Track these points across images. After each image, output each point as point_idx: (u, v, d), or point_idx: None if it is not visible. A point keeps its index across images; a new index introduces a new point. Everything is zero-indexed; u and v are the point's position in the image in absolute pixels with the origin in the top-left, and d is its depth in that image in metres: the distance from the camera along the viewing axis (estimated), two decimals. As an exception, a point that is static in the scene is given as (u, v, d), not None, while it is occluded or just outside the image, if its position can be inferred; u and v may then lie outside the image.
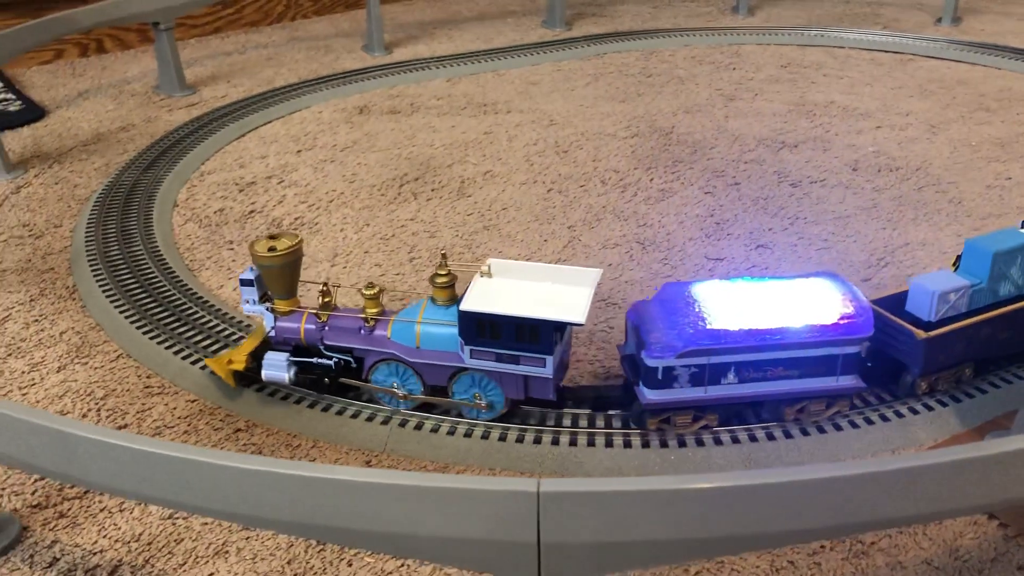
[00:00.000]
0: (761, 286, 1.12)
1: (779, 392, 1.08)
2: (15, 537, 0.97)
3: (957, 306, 1.14)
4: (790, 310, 1.07)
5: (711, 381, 1.06)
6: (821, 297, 1.09)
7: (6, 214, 1.72)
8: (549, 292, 1.07)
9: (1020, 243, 1.14)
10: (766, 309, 1.07)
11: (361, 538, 0.74)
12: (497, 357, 1.06)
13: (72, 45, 2.72)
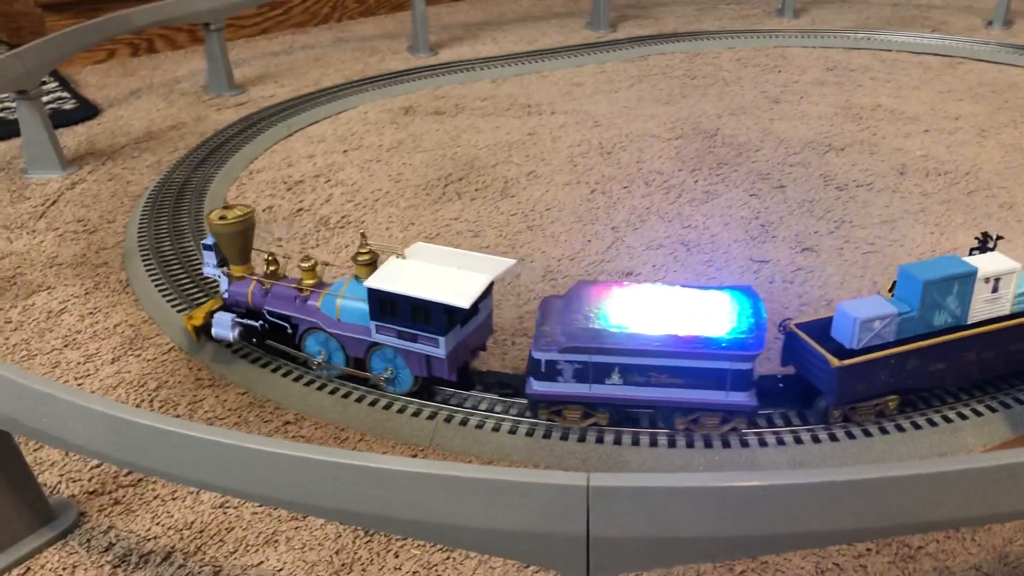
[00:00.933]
0: (670, 293, 1.12)
1: (665, 399, 1.08)
2: (73, 522, 1.00)
3: (883, 335, 1.07)
4: (686, 319, 1.07)
5: (595, 379, 1.07)
6: (724, 310, 1.09)
7: (62, 209, 1.77)
8: (450, 276, 1.11)
9: (957, 272, 1.07)
10: (662, 316, 1.08)
11: (410, 528, 0.75)
12: (398, 334, 1.12)
13: (124, 45, 2.78)
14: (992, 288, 1.10)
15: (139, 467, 0.86)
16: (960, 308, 1.10)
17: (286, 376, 1.22)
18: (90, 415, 0.82)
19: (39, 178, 1.91)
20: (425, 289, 1.08)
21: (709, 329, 1.06)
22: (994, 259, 1.11)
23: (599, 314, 1.09)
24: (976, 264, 1.08)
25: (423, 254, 1.15)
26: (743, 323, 1.07)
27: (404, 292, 1.08)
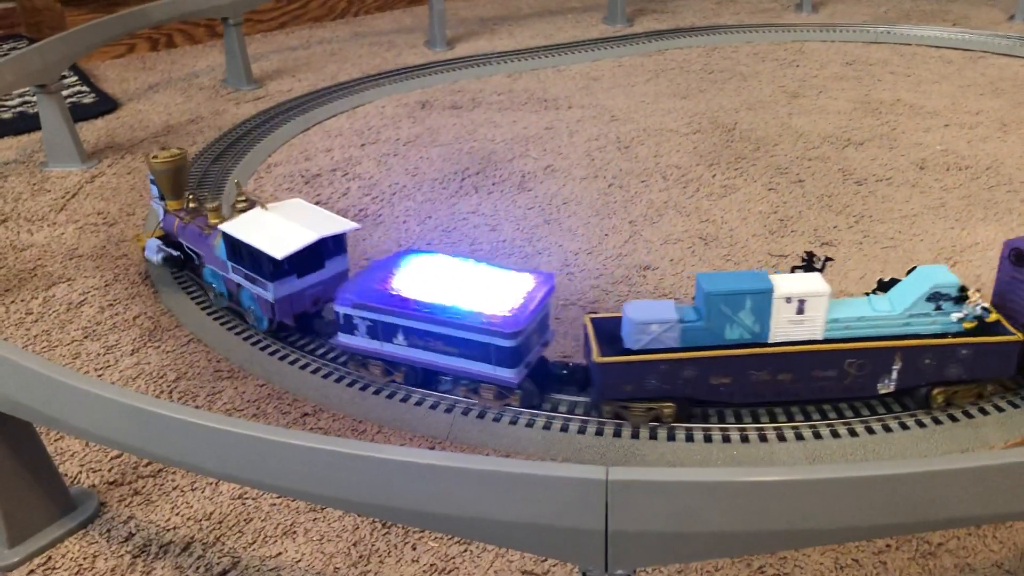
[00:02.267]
0: (472, 269, 1.17)
1: (442, 365, 1.13)
2: (93, 512, 1.00)
3: (663, 339, 1.06)
4: (470, 294, 1.11)
5: (384, 337, 1.15)
6: (509, 291, 1.12)
7: (82, 202, 1.78)
8: (286, 230, 1.22)
9: (748, 288, 1.04)
10: (452, 288, 1.13)
11: (428, 520, 0.75)
12: (245, 276, 1.26)
13: (143, 40, 2.80)
14: (797, 309, 1.06)
15: (159, 457, 0.87)
16: (759, 325, 1.07)
17: (304, 368, 1.23)
18: (110, 405, 0.83)
19: (59, 171, 1.92)
20: (258, 238, 1.20)
21: (484, 305, 1.09)
22: (805, 280, 1.07)
23: (397, 278, 1.16)
24: (780, 283, 1.05)
25: (286, 209, 1.28)
26: (520, 304, 1.09)
27: (242, 238, 1.21)
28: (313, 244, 1.21)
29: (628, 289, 1.43)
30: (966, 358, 1.08)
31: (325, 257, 1.25)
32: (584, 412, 1.13)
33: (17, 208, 1.76)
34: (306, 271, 1.24)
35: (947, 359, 1.08)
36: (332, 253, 1.26)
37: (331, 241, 1.25)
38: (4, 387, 0.87)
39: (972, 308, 1.07)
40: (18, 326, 1.38)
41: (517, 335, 1.07)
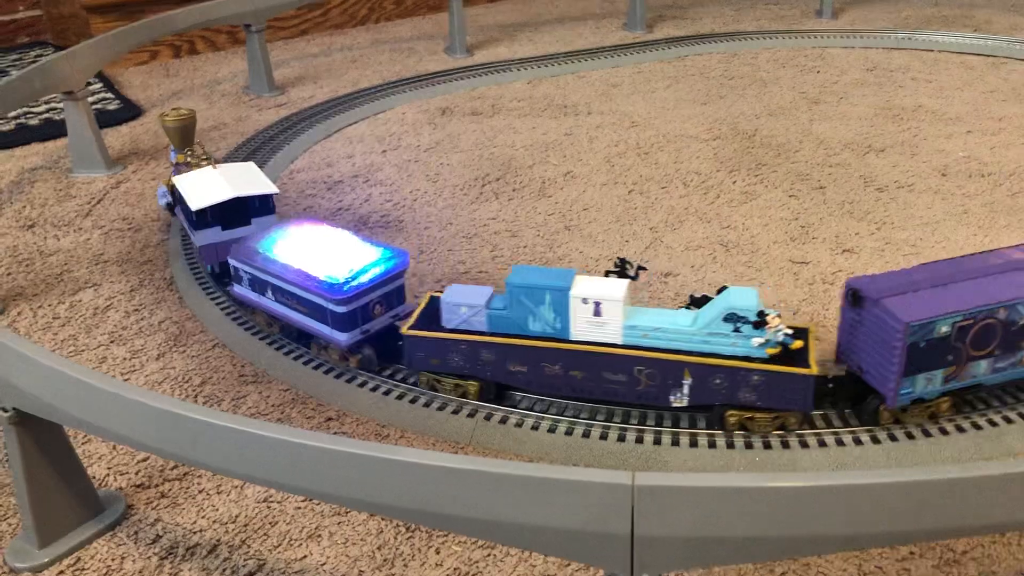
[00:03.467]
0: (344, 240, 1.27)
1: (296, 321, 1.25)
2: (121, 514, 1.02)
3: (472, 322, 1.13)
4: (327, 261, 1.21)
5: (259, 291, 1.29)
6: (359, 262, 1.21)
7: (107, 208, 1.80)
8: (216, 186, 1.39)
9: (549, 285, 1.09)
10: (317, 254, 1.24)
11: (452, 523, 0.76)
12: (186, 222, 1.45)
13: (166, 47, 2.83)
14: (593, 311, 1.09)
15: (185, 460, 0.88)
16: (560, 322, 1.11)
17: (328, 373, 1.24)
18: (138, 408, 0.84)
19: (85, 177, 1.94)
20: (190, 191, 1.38)
21: (330, 272, 1.19)
22: (606, 284, 1.09)
23: (271, 240, 1.29)
24: (580, 284, 1.09)
25: (230, 170, 1.46)
26: (361, 274, 1.19)
27: (180, 190, 1.40)
28: (235, 201, 1.37)
29: (649, 296, 1.43)
30: (759, 385, 1.07)
31: (251, 215, 1.41)
32: (606, 418, 1.13)
33: (44, 214, 1.78)
34: (230, 225, 1.39)
35: (739, 383, 1.08)
36: (259, 212, 1.41)
37: (257, 201, 1.41)
38: (36, 390, 0.88)
39: (773, 334, 1.05)
40: (45, 330, 1.39)
41: (348, 302, 1.17)
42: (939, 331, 1.04)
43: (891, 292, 1.06)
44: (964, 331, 1.05)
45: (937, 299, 1.05)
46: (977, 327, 1.05)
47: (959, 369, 1.07)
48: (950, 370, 1.07)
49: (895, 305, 1.04)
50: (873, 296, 1.06)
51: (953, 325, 1.04)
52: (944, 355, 1.05)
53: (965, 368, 1.08)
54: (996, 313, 1.05)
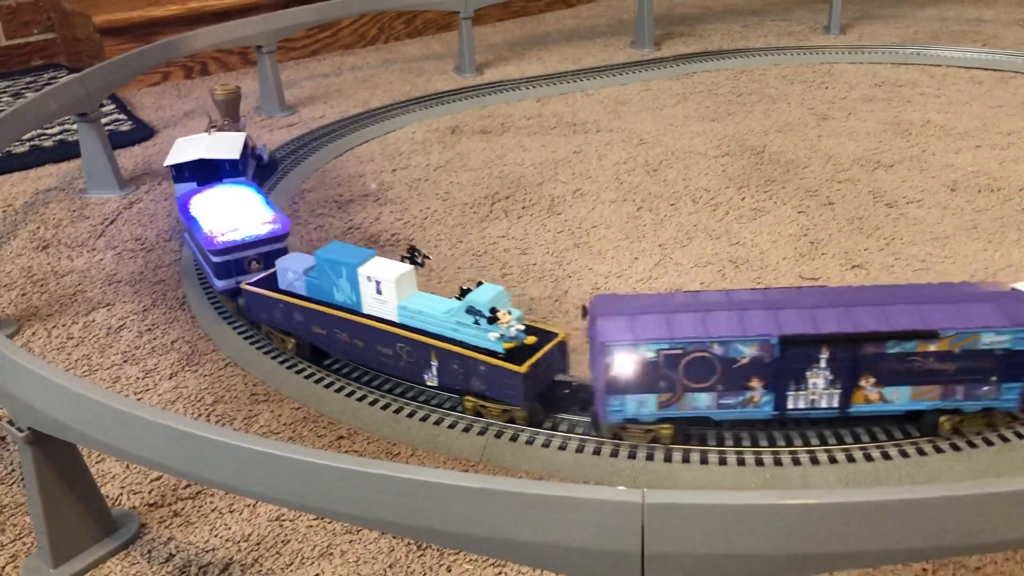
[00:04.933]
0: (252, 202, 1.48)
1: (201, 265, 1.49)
2: (134, 533, 1.02)
3: (295, 286, 1.29)
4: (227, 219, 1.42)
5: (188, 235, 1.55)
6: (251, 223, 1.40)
7: (120, 228, 1.82)
8: (196, 148, 1.61)
9: (343, 260, 1.21)
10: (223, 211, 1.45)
11: (463, 541, 0.76)
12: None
13: (178, 68, 2.85)
14: (376, 289, 1.20)
15: (198, 479, 0.88)
16: (355, 295, 1.23)
17: (339, 391, 1.24)
18: (152, 427, 0.85)
19: (98, 198, 1.96)
20: (174, 151, 1.62)
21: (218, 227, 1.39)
22: (388, 266, 1.21)
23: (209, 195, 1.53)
24: (369, 263, 1.21)
25: (218, 136, 1.67)
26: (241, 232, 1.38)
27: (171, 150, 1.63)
28: (205, 162, 1.59)
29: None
30: (485, 375, 1.14)
31: (223, 176, 1.59)
32: (615, 436, 1.13)
33: (58, 234, 1.80)
34: (204, 181, 1.58)
35: (471, 371, 1.15)
36: (229, 174, 1.60)
37: (227, 164, 1.60)
38: (51, 410, 0.89)
39: (505, 329, 1.11)
40: (60, 350, 1.41)
41: (222, 253, 1.36)
42: (645, 355, 1.05)
43: (613, 312, 1.08)
44: (674, 360, 1.06)
45: (650, 325, 1.06)
46: (688, 358, 1.05)
47: (675, 398, 1.08)
48: (664, 396, 1.08)
49: (604, 325, 1.07)
50: (593, 313, 1.10)
51: (659, 352, 1.05)
52: (655, 380, 1.06)
53: (684, 398, 1.08)
54: (710, 348, 1.05)
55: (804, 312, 1.07)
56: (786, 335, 1.04)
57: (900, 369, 1.06)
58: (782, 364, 1.06)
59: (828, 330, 1.05)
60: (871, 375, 1.07)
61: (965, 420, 1.10)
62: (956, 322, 1.05)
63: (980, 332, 1.04)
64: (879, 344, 1.05)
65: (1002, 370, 1.06)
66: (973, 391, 1.07)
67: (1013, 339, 1.04)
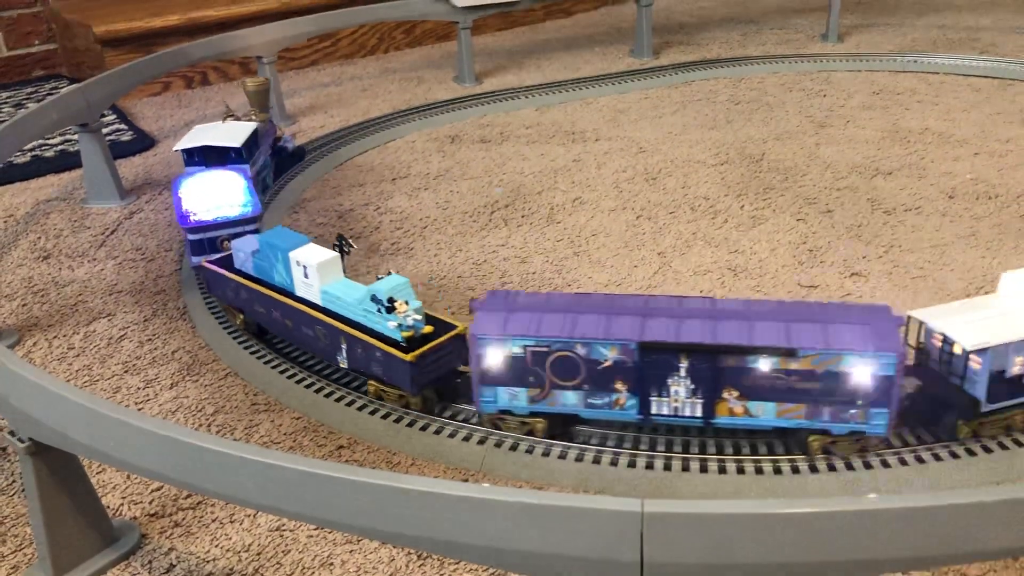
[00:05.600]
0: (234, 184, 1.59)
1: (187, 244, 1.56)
2: (135, 543, 1.02)
3: (246, 266, 1.38)
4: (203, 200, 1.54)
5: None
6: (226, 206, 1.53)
7: (121, 238, 1.82)
8: (207, 136, 1.75)
9: (279, 245, 1.30)
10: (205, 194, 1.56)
11: (464, 551, 0.76)
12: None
13: (179, 78, 2.86)
14: (304, 273, 1.27)
15: (198, 489, 0.88)
16: (288, 277, 1.31)
17: (339, 401, 1.25)
18: (152, 438, 0.85)
19: (99, 208, 1.97)
20: (187, 136, 1.77)
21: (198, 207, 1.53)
22: (316, 253, 1.28)
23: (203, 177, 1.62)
24: (300, 249, 1.29)
25: (231, 124, 1.81)
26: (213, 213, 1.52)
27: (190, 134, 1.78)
28: (211, 148, 1.72)
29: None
30: (381, 361, 1.19)
31: (228, 162, 1.71)
32: (616, 444, 1.14)
33: (59, 245, 1.80)
34: (212, 166, 1.70)
35: (371, 356, 1.21)
36: (234, 161, 1.72)
37: (232, 152, 1.73)
38: (52, 420, 0.89)
39: (403, 319, 1.17)
40: (60, 361, 1.41)
41: (194, 231, 1.51)
42: (512, 350, 1.10)
43: (494, 308, 1.14)
44: (540, 357, 1.09)
45: (521, 322, 1.10)
46: (554, 356, 1.09)
47: (544, 393, 1.12)
48: (534, 391, 1.12)
49: (480, 319, 1.12)
50: (476, 307, 1.15)
51: (525, 348, 1.09)
52: (524, 375, 1.11)
53: (553, 394, 1.12)
54: (573, 348, 1.08)
55: (672, 321, 1.08)
56: (645, 341, 1.06)
57: (764, 385, 1.06)
58: (643, 370, 1.07)
59: (688, 340, 1.05)
60: (734, 388, 1.07)
61: (836, 442, 1.09)
62: (818, 342, 1.03)
63: (843, 354, 1.03)
64: (740, 358, 1.05)
65: (868, 395, 1.04)
66: (840, 413, 1.06)
67: (878, 363, 1.02)
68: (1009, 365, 1.06)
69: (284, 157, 2.06)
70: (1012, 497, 0.71)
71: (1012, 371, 1.07)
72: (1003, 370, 1.06)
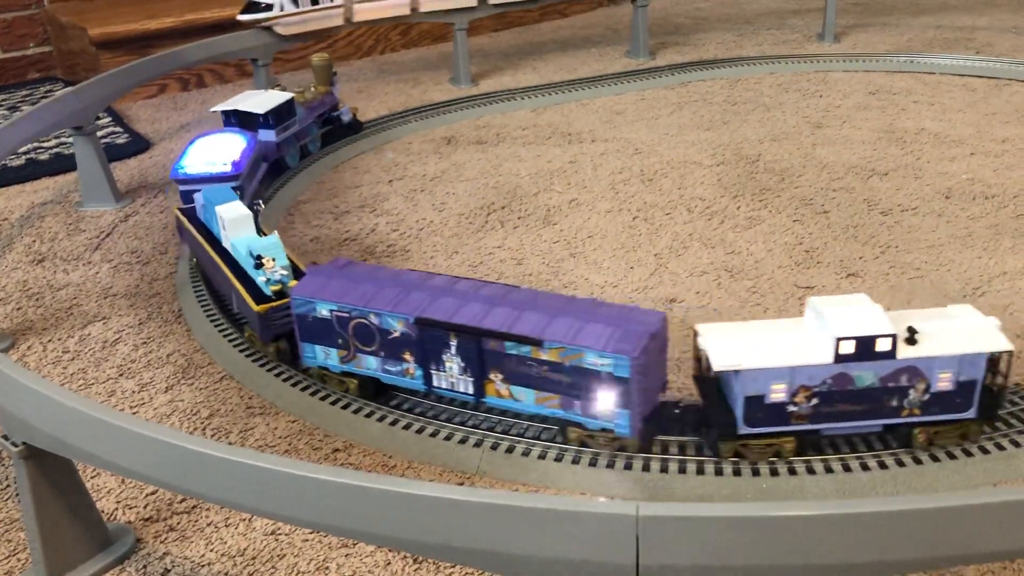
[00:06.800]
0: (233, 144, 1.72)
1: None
2: (130, 547, 1.02)
3: (203, 215, 1.52)
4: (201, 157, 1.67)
5: None
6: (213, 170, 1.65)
7: (116, 241, 1.82)
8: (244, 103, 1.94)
9: (214, 200, 1.44)
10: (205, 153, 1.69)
11: (459, 555, 0.76)
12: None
13: (174, 80, 2.86)
14: (222, 225, 1.41)
15: (193, 493, 0.88)
16: (217, 230, 1.45)
17: (335, 404, 1.24)
18: (147, 442, 0.84)
19: (94, 211, 1.96)
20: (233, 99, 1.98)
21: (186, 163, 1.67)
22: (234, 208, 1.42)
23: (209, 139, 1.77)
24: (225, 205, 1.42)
25: (272, 93, 2.03)
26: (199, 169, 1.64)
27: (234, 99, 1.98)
28: (242, 112, 1.92)
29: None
30: (245, 311, 1.33)
31: (257, 127, 1.91)
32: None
33: (54, 248, 1.80)
34: (245, 127, 1.89)
35: (242, 305, 1.34)
36: (262, 126, 1.92)
37: (261, 118, 1.92)
38: (46, 425, 0.89)
39: (270, 274, 1.29)
40: (55, 364, 1.40)
41: (180, 183, 1.64)
42: (320, 312, 1.21)
43: (325, 273, 1.24)
44: (344, 322, 1.19)
45: (334, 288, 1.20)
46: (354, 322, 1.19)
47: (350, 356, 1.22)
48: (342, 353, 1.22)
49: (305, 280, 1.23)
50: (309, 271, 1.26)
51: (332, 312, 1.20)
52: (331, 336, 1.21)
53: (357, 358, 1.21)
54: (368, 316, 1.17)
55: (456, 302, 1.15)
56: (420, 317, 1.14)
57: (521, 371, 1.11)
58: (422, 344, 1.15)
59: (458, 321, 1.12)
60: (498, 371, 1.13)
61: (594, 436, 1.11)
62: (565, 336, 1.07)
63: (583, 350, 1.05)
64: (500, 343, 1.10)
65: (607, 394, 1.06)
66: (589, 408, 1.09)
67: (614, 364, 1.04)
68: (767, 391, 1.04)
69: (338, 127, 2.24)
70: (1009, 499, 0.71)
71: (772, 398, 1.05)
72: (761, 395, 1.05)
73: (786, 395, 1.05)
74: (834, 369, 1.03)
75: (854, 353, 1.02)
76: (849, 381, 1.04)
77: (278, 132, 1.96)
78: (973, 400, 1.05)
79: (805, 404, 1.05)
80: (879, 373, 1.03)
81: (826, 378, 1.04)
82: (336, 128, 2.24)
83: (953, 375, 1.04)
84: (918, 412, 1.05)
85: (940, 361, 1.03)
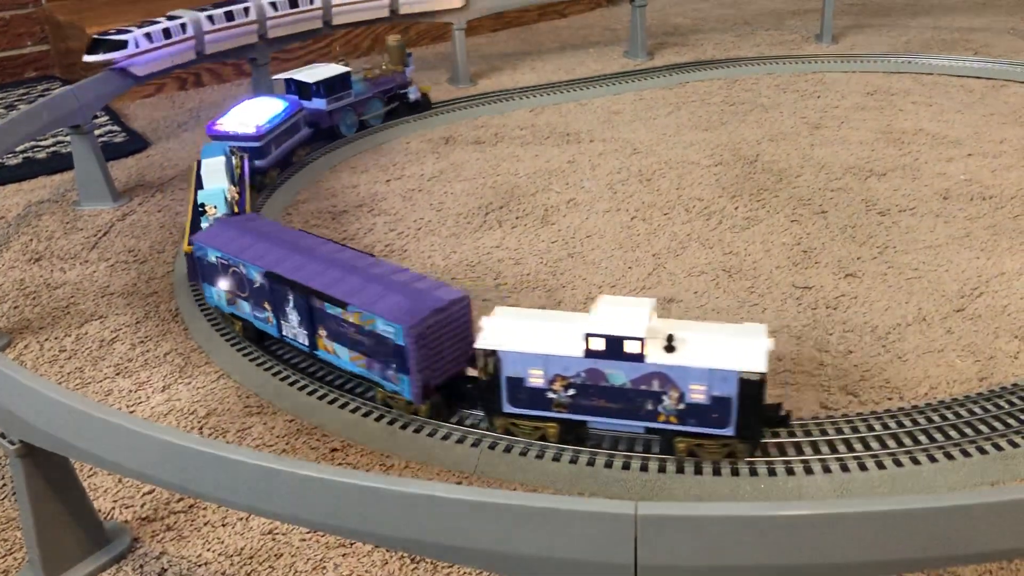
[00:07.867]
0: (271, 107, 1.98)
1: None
2: (126, 547, 1.02)
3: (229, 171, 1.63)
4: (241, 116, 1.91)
5: None
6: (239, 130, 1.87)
7: (113, 240, 1.81)
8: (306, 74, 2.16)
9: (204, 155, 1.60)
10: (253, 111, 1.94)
11: (457, 554, 0.76)
12: None
13: (172, 79, 2.85)
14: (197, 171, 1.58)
15: (190, 492, 0.88)
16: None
17: (332, 403, 1.24)
18: (144, 440, 0.84)
19: (91, 210, 1.96)
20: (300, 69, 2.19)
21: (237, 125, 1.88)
22: (214, 159, 1.57)
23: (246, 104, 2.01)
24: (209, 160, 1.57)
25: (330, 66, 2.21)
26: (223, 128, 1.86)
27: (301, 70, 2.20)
28: (297, 81, 2.14)
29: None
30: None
31: (311, 96, 2.15)
32: (611, 446, 1.13)
33: (50, 247, 1.80)
34: (303, 97, 2.15)
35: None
36: (315, 95, 2.14)
37: (312, 87, 2.14)
38: (42, 423, 0.89)
39: (212, 220, 1.41)
40: (52, 363, 1.40)
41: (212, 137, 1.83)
42: (210, 258, 1.35)
43: (227, 224, 1.38)
44: (225, 268, 1.33)
45: (223, 238, 1.34)
46: (232, 270, 1.32)
47: (233, 299, 1.35)
48: (228, 296, 1.36)
49: (206, 229, 1.38)
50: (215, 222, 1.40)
51: (217, 259, 1.34)
52: (219, 280, 1.36)
53: (238, 302, 1.35)
54: (239, 266, 1.31)
55: (303, 260, 1.25)
56: (268, 271, 1.26)
57: (339, 331, 1.20)
58: (273, 295, 1.27)
59: (291, 278, 1.23)
60: (324, 328, 1.22)
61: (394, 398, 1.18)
62: (364, 303, 1.15)
63: (375, 317, 1.14)
64: (322, 302, 1.20)
65: (397, 360, 1.13)
66: (384, 371, 1.17)
67: (394, 332, 1.12)
68: (525, 375, 1.08)
69: (403, 104, 2.38)
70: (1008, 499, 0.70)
71: (531, 382, 1.08)
72: (521, 378, 1.08)
73: (544, 382, 1.08)
74: (586, 363, 1.06)
75: (604, 351, 1.04)
76: (602, 377, 1.06)
77: (329, 102, 2.16)
78: (729, 418, 1.05)
79: (563, 393, 1.08)
80: (630, 375, 1.05)
81: (580, 371, 1.07)
82: (402, 105, 2.38)
83: (707, 389, 1.03)
84: (675, 420, 1.06)
85: (692, 372, 1.03)
